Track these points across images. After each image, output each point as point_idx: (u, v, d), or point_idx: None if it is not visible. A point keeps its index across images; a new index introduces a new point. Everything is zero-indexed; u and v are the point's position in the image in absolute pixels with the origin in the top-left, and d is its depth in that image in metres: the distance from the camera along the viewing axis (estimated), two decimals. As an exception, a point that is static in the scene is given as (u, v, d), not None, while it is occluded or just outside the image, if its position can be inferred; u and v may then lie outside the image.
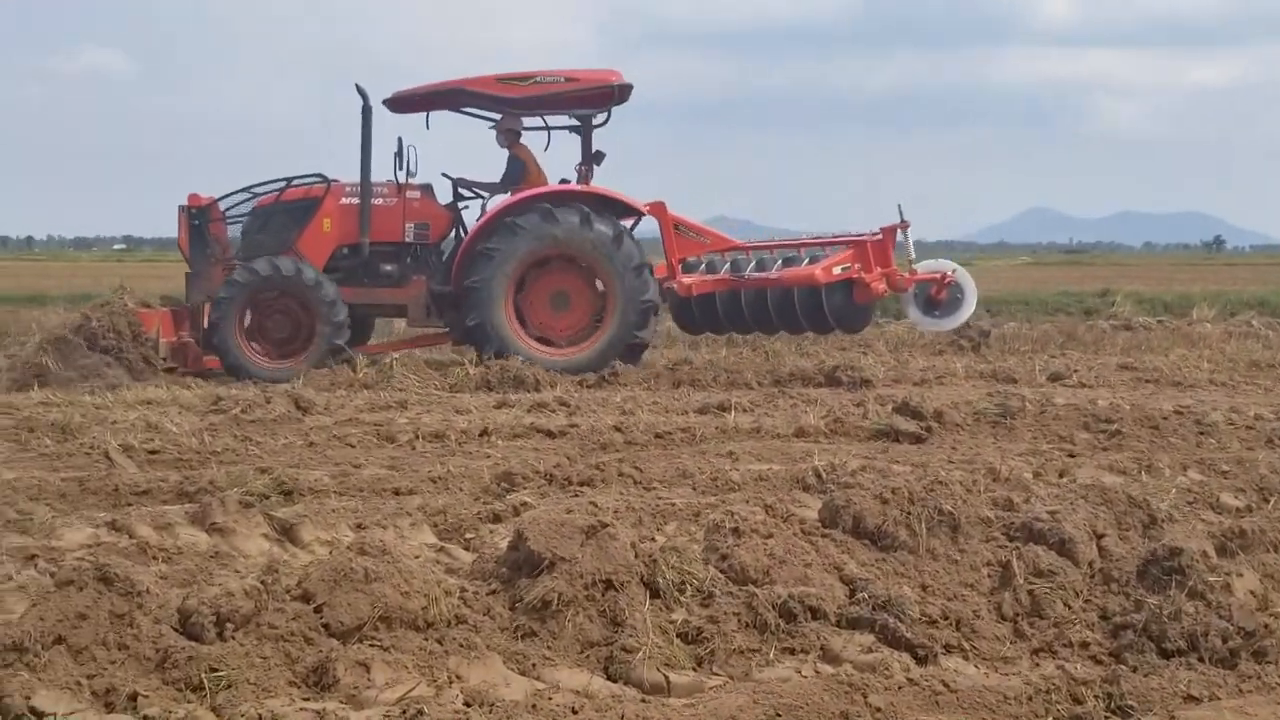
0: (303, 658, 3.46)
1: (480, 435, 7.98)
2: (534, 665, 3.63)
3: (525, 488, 6.21)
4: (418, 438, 7.87)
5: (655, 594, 3.95)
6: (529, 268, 12.03)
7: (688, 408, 9.31)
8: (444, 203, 12.80)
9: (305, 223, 12.31)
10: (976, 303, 12.71)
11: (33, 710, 3.12)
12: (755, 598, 3.96)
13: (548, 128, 12.95)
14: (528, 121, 12.92)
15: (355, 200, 12.35)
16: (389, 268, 12.43)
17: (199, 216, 12.44)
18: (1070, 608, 4.20)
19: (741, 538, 4.25)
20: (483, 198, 12.91)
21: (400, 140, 12.26)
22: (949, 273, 12.38)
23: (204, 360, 12.12)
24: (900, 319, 16.02)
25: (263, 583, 3.69)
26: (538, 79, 12.29)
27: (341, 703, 3.29)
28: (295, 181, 12.50)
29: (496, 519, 5.56)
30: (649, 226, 13.03)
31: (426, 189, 12.69)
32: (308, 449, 7.56)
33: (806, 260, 12.33)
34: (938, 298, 12.30)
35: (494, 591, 3.97)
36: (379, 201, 12.36)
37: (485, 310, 11.86)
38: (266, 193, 12.55)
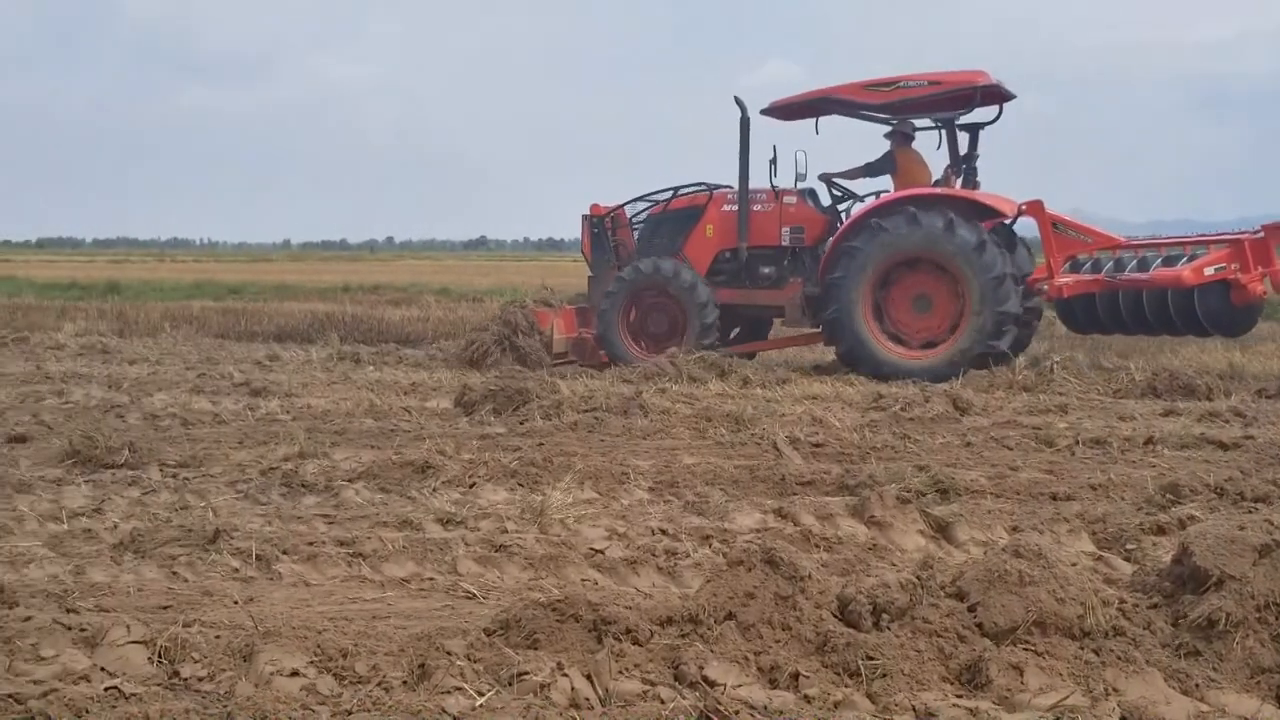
0: (956, 655, 3.47)
1: (1145, 444, 7.61)
2: (1197, 686, 3.41)
3: (1192, 501, 5.84)
4: (1077, 443, 7.63)
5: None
6: (892, 268, 12.08)
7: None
8: (824, 206, 13.08)
9: (690, 229, 13.16)
10: None
11: (705, 679, 3.36)
12: None
13: (938, 128, 12.91)
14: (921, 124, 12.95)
15: (735, 207, 12.94)
16: (767, 270, 12.96)
17: (598, 225, 13.66)
18: None
19: None
20: (854, 197, 13.11)
21: (775, 148, 12.67)
22: None
23: (600, 355, 13.19)
24: None
25: (918, 577, 3.74)
26: (901, 84, 12.33)
27: (994, 703, 3.26)
28: (681, 191, 13.36)
29: (1160, 531, 5.29)
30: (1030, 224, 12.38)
31: (804, 194, 13.02)
32: (964, 449, 7.57)
33: (1186, 260, 11.54)
34: None
35: (1155, 605, 3.77)
36: (756, 207, 12.91)
37: (843, 305, 12.06)
38: (657, 202, 13.47)
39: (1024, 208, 12.29)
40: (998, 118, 12.79)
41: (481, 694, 3.26)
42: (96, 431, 7.12)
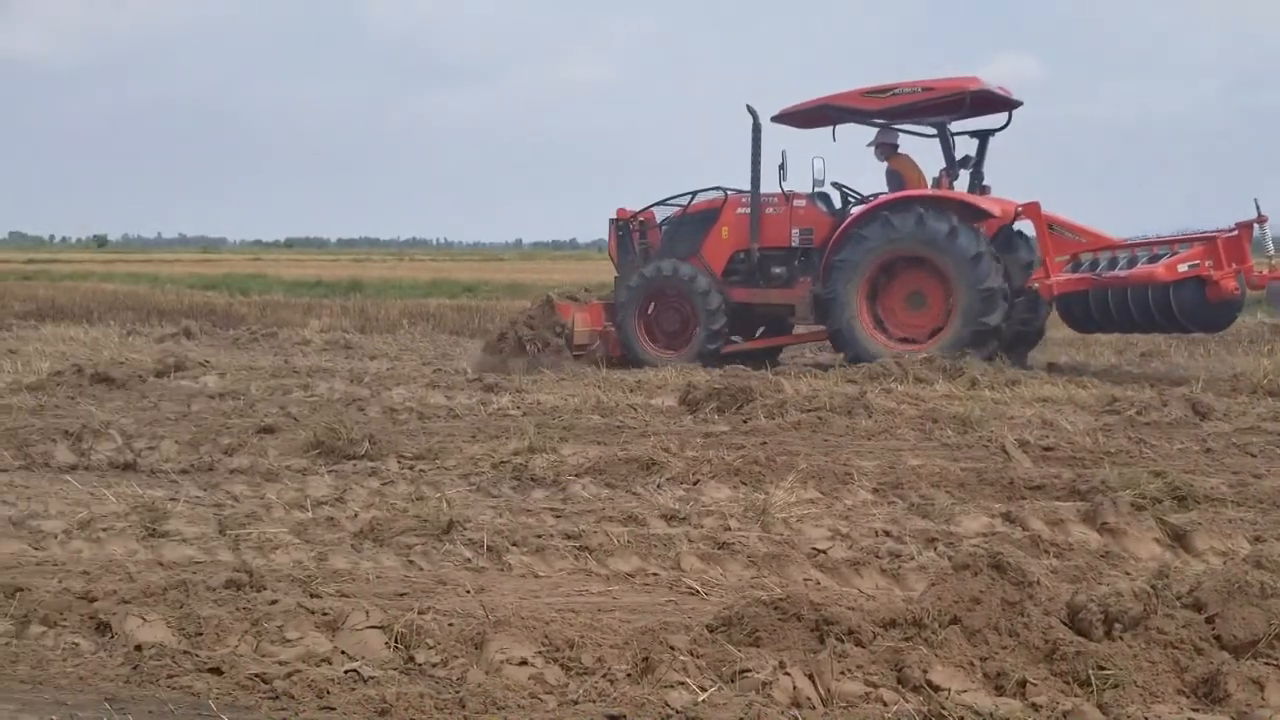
0: (1192, 667, 3.35)
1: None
2: None
3: None
4: (1329, 450, 7.24)
5: None
6: (894, 261, 12.54)
7: None
8: (833, 209, 13.51)
9: (707, 231, 13.69)
10: None
11: (929, 684, 3.32)
12: None
13: (943, 134, 13.18)
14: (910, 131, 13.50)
15: (748, 210, 13.46)
16: (778, 270, 13.44)
17: (623, 228, 14.28)
18: None
19: None
20: (864, 201, 13.44)
21: (784, 154, 13.20)
22: None
23: (616, 349, 13.78)
24: None
25: (1153, 587, 3.63)
26: (897, 90, 12.76)
27: (1232, 719, 3.15)
28: (699, 194, 13.93)
29: None
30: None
31: (813, 197, 13.45)
32: (1204, 455, 7.26)
33: (1165, 258, 11.72)
34: None
35: None
36: (768, 210, 13.40)
37: (841, 317, 12.64)
38: (677, 205, 14.02)
39: (1021, 210, 12.61)
40: (1007, 124, 13.33)
41: (704, 689, 3.31)
42: (339, 424, 7.46)
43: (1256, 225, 11.61)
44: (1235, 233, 11.58)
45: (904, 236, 12.36)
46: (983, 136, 13.38)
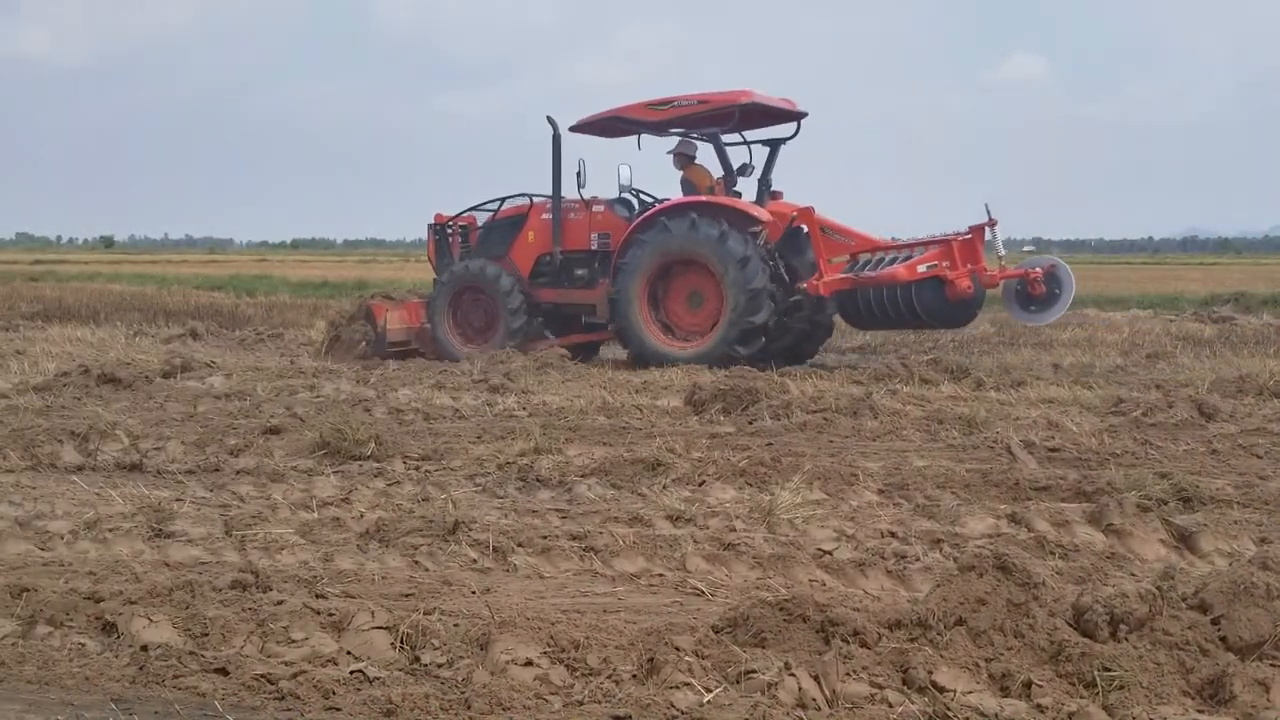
0: (1197, 669, 3.35)
1: None
2: None
3: None
4: (1336, 451, 7.23)
5: None
6: (660, 274, 13.27)
7: None
8: (630, 214, 14.07)
9: (515, 235, 14.48)
10: (1073, 298, 12.44)
11: (934, 684, 3.33)
12: None
13: (746, 142, 14.04)
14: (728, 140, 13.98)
15: (552, 215, 14.23)
16: (580, 272, 14.19)
17: (440, 232, 15.15)
18: None
19: None
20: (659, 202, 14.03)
21: (581, 162, 13.80)
22: (1039, 269, 12.29)
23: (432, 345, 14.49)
24: None
25: (1158, 588, 3.63)
26: (676, 102, 13.46)
27: (1236, 720, 3.15)
28: (507, 200, 14.70)
29: None
30: None
31: (612, 203, 14.17)
32: (1210, 456, 7.26)
33: (910, 259, 12.53)
34: (1034, 293, 12.27)
35: None
36: (570, 216, 14.22)
37: (624, 315, 13.33)
38: (488, 210, 14.83)
39: (796, 215, 13.25)
40: (796, 134, 14.03)
41: (709, 690, 3.31)
42: (345, 425, 7.46)
43: (988, 228, 12.44)
44: (969, 236, 12.49)
45: (679, 240, 13.07)
46: (774, 145, 14.13)
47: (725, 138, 14.02)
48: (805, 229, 13.18)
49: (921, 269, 12.39)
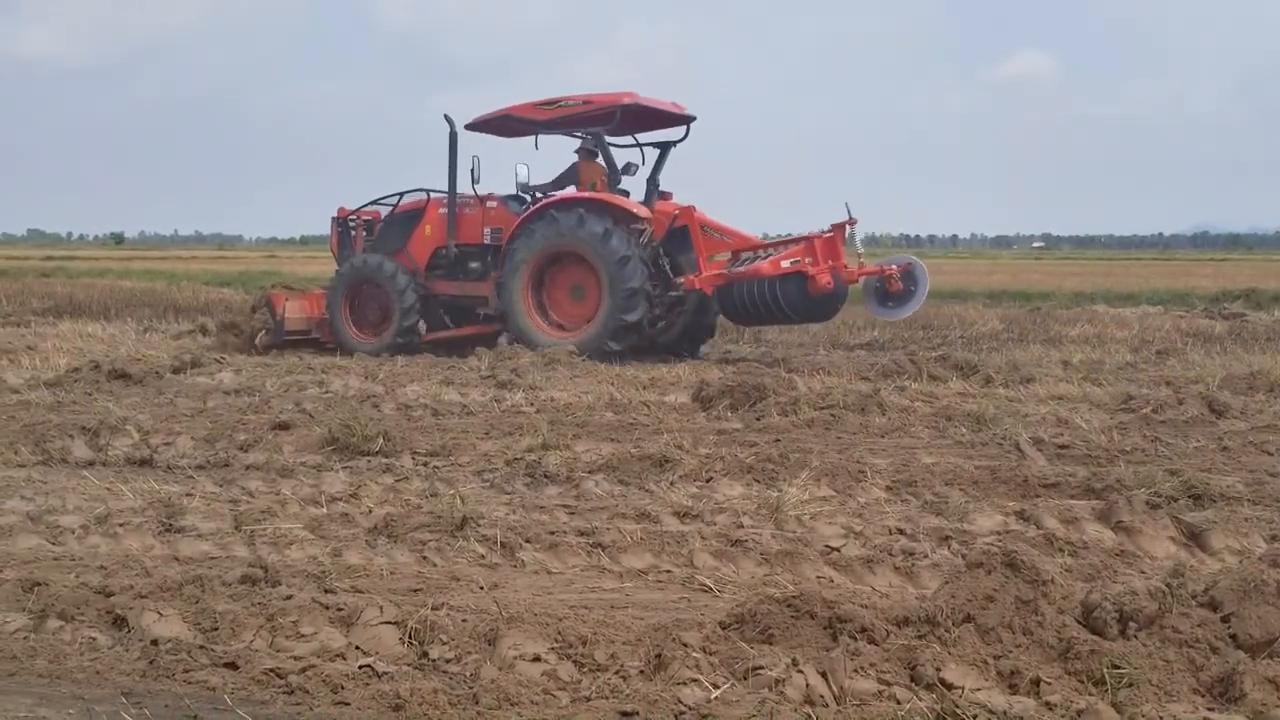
0: (1207, 666, 3.34)
1: None
2: None
3: None
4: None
5: None
6: (546, 264, 13.68)
7: None
8: (521, 209, 14.31)
9: (412, 229, 14.80)
10: (927, 295, 13.00)
11: (942, 681, 3.32)
12: None
13: (639, 145, 14.50)
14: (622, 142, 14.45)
15: (447, 210, 14.54)
16: (474, 265, 14.55)
17: (343, 225, 15.46)
18: None
19: None
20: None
21: (475, 159, 14.21)
22: (895, 266, 12.85)
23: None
24: None
25: (1168, 585, 3.62)
26: (563, 103, 13.91)
27: (1248, 718, 3.13)
28: (406, 195, 15.02)
29: None
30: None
31: (506, 199, 14.58)
32: (1220, 453, 7.24)
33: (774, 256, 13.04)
34: (892, 290, 12.82)
35: None
36: (465, 211, 14.57)
37: (508, 301, 13.74)
38: (388, 205, 15.13)
39: (678, 214, 13.75)
40: (685, 137, 14.49)
41: (717, 686, 3.31)
42: (354, 420, 7.47)
43: (848, 226, 12.99)
44: (830, 233, 13.01)
45: (565, 234, 13.46)
46: (664, 147, 14.55)
47: (647, 139, 14.54)
48: (683, 228, 13.67)
49: (785, 264, 12.90)
